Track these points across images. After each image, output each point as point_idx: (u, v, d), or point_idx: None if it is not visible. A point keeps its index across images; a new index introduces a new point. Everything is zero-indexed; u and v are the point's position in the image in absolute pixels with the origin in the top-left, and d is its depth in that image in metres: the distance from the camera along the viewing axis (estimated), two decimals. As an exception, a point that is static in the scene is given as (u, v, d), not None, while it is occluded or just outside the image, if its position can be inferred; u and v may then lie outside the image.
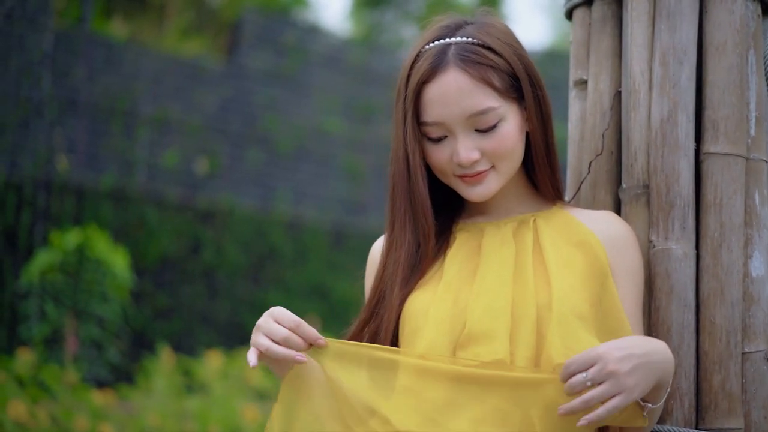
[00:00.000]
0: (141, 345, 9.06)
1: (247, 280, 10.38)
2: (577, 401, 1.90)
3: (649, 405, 1.99)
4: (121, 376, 8.03)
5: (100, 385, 7.37)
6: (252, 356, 2.04)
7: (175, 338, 9.45)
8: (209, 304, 10.07)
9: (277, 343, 2.04)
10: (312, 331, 2.06)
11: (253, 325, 2.11)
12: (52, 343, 7.23)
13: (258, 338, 2.06)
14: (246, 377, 7.93)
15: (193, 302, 9.97)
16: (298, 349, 2.04)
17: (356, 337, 2.21)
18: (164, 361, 8.04)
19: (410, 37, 17.65)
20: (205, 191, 10.38)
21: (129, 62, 10.15)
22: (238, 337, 9.70)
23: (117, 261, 7.71)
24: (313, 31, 12.10)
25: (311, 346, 2.07)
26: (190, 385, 7.82)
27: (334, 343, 2.09)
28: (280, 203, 10.86)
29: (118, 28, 11.66)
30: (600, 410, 1.90)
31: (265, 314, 2.09)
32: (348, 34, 16.63)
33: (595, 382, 1.89)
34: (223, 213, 10.38)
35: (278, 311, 2.08)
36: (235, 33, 11.35)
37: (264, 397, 7.82)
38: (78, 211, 9.03)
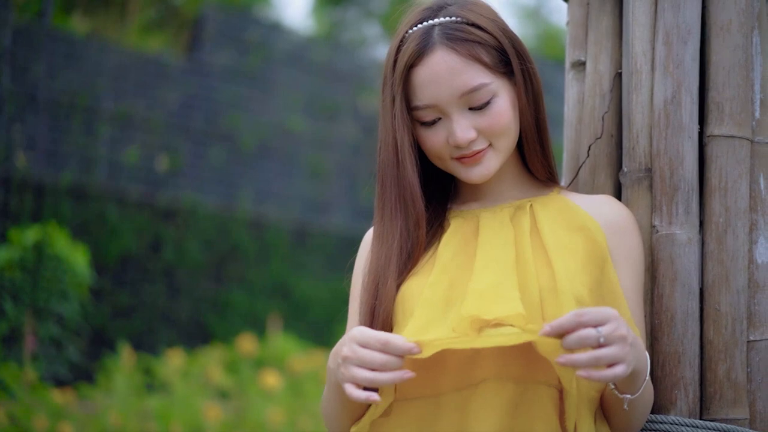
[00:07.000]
0: (101, 343, 8.98)
1: (209, 279, 10.29)
2: (585, 356, 1.79)
3: (628, 396, 1.94)
4: (80, 374, 7.95)
5: (60, 383, 7.30)
6: (355, 391, 1.88)
7: (136, 337, 9.36)
8: (170, 302, 9.98)
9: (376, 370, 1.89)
10: (402, 344, 1.89)
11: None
12: (10, 342, 7.11)
13: (352, 372, 1.90)
14: (207, 376, 7.90)
15: (154, 300, 9.88)
16: (397, 368, 1.88)
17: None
18: (125, 359, 8.02)
19: (373, 36, 17.63)
20: (167, 189, 10.29)
21: (90, 58, 10.06)
22: (199, 335, 9.62)
23: (77, 258, 7.61)
24: (275, 28, 12.05)
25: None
26: (151, 384, 7.80)
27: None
28: (243, 201, 10.79)
29: (78, 24, 11.54)
30: (607, 372, 1.80)
31: (347, 340, 1.94)
32: (310, 31, 16.56)
33: (606, 343, 1.80)
34: (184, 211, 10.29)
35: (360, 334, 1.93)
36: (197, 29, 11.26)
37: (225, 396, 7.79)
38: (37, 207, 8.92)
